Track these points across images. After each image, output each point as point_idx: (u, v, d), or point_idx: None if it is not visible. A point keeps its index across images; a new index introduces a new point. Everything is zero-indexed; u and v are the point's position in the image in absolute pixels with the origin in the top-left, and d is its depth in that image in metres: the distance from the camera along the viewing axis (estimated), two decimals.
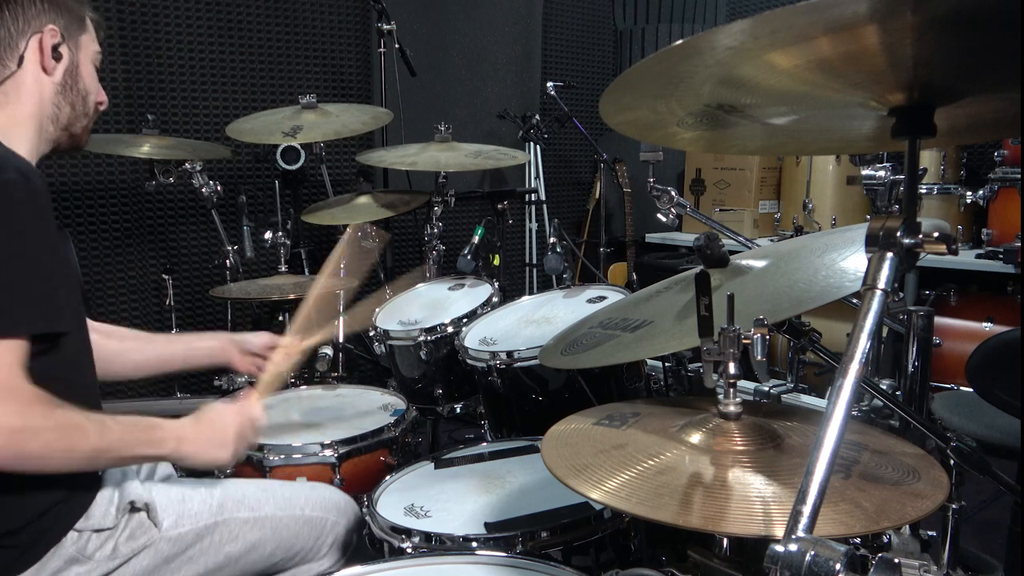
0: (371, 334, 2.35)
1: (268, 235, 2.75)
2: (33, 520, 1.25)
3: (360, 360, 3.04)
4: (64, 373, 1.27)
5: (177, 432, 1.32)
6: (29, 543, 1.25)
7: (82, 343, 1.36)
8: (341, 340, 2.83)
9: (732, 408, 1.06)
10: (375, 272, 3.17)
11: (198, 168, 2.70)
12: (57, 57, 1.35)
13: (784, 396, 1.78)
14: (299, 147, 2.97)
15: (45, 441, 1.14)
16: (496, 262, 3.00)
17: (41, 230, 1.20)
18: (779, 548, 0.69)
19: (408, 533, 1.39)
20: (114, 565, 1.32)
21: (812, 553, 0.68)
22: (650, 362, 2.02)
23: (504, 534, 1.37)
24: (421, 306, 2.42)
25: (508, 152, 2.80)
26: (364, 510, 1.53)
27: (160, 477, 1.68)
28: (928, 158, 3.44)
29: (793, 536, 0.70)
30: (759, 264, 1.36)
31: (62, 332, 1.22)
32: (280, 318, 2.91)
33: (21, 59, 1.32)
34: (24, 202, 1.18)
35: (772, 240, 3.71)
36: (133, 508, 1.35)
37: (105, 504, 1.33)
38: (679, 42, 0.84)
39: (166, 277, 2.90)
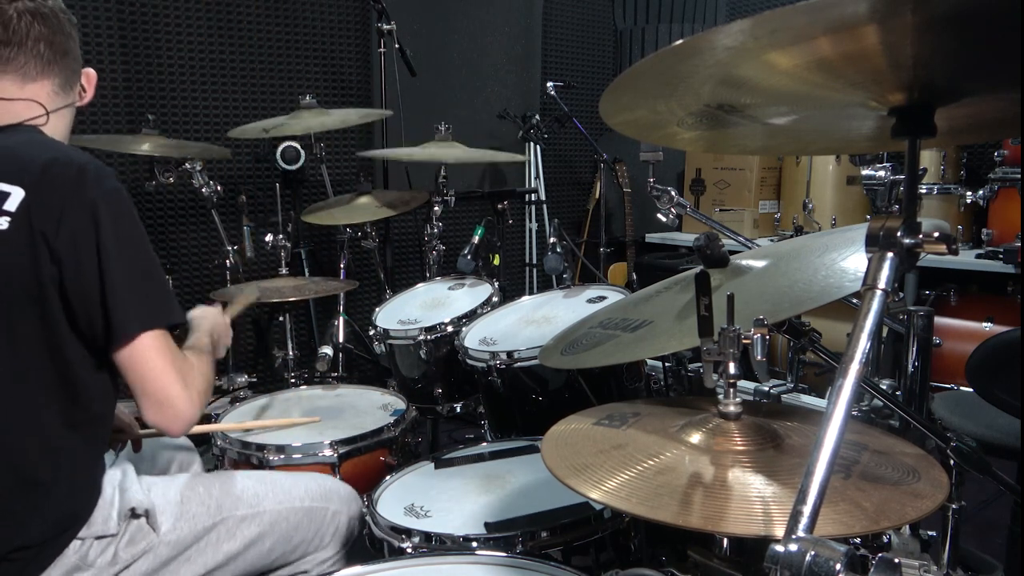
0: (371, 333, 2.35)
1: (269, 237, 2.76)
2: (41, 533, 1.26)
3: (360, 360, 3.04)
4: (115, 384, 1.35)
5: (211, 332, 1.55)
6: (34, 555, 1.26)
7: None
8: (341, 340, 2.84)
9: (732, 408, 1.06)
10: (374, 272, 3.17)
11: (198, 168, 2.70)
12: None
13: (784, 396, 1.78)
14: (299, 147, 2.98)
15: (204, 404, 1.35)
16: (496, 262, 3.00)
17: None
18: (779, 548, 0.69)
19: (408, 533, 1.39)
20: (114, 571, 1.32)
21: (812, 553, 0.68)
22: (650, 362, 2.02)
23: (504, 534, 1.37)
24: (421, 306, 2.42)
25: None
26: (364, 510, 1.53)
27: (162, 469, 1.68)
28: (928, 158, 3.44)
29: (793, 536, 0.70)
30: (759, 264, 1.36)
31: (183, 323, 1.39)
32: (280, 319, 2.91)
33: (83, 88, 1.48)
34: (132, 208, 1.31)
35: (772, 240, 3.71)
36: (134, 514, 1.35)
37: (106, 510, 1.33)
38: (679, 42, 0.84)
39: (166, 277, 2.90)
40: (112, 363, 1.28)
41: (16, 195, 1.23)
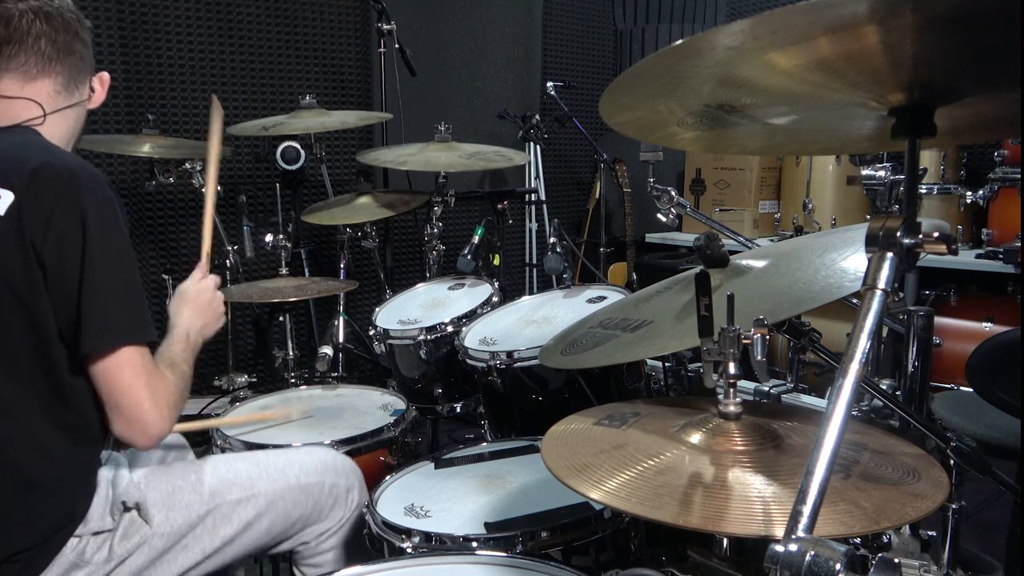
0: (371, 333, 2.35)
1: (269, 237, 2.76)
2: (40, 533, 1.26)
3: (360, 360, 3.04)
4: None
5: (189, 334, 1.46)
6: (33, 556, 1.26)
7: None
8: (341, 340, 2.84)
9: (732, 408, 1.06)
10: (374, 272, 3.17)
11: (198, 168, 2.70)
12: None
13: (784, 396, 1.77)
14: (299, 147, 2.98)
15: (175, 418, 1.33)
16: (496, 262, 3.00)
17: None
18: (779, 548, 0.69)
19: (408, 533, 1.39)
20: (110, 567, 1.33)
21: (812, 553, 0.68)
22: (650, 362, 2.02)
23: (504, 534, 1.36)
24: (421, 306, 2.42)
25: (505, 153, 2.80)
26: (364, 510, 1.53)
27: (156, 461, 1.68)
28: (928, 158, 3.44)
29: (793, 536, 0.70)
30: (759, 264, 1.36)
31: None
32: (280, 319, 2.91)
33: (92, 89, 1.47)
34: (121, 219, 1.30)
35: (772, 240, 3.71)
36: (125, 508, 1.36)
37: (101, 506, 1.34)
38: (679, 42, 0.84)
39: (166, 277, 2.90)
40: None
41: (6, 198, 1.23)
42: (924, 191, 3.43)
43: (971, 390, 1.76)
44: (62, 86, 1.40)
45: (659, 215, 1.85)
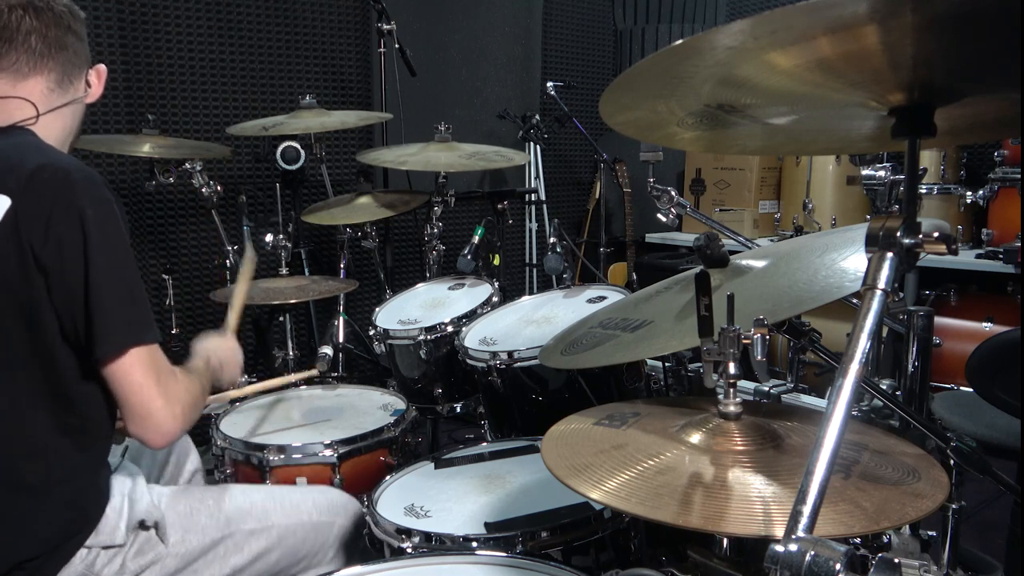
0: (371, 333, 2.35)
1: (269, 237, 2.75)
2: (46, 543, 1.25)
3: (360, 360, 3.04)
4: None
5: (210, 358, 1.51)
6: (42, 564, 1.25)
7: None
8: (341, 340, 2.84)
9: (732, 408, 1.06)
10: (374, 272, 3.17)
11: (198, 168, 2.70)
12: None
13: (784, 396, 1.78)
14: (299, 147, 2.98)
15: (191, 419, 1.34)
16: (496, 262, 3.00)
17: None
18: (779, 548, 0.69)
19: (408, 533, 1.39)
20: None
21: (812, 553, 0.68)
22: (650, 362, 2.02)
23: (504, 534, 1.37)
24: (421, 306, 2.42)
25: (505, 153, 2.80)
26: (364, 510, 1.53)
27: (167, 481, 1.68)
28: (928, 158, 3.44)
29: (793, 536, 0.70)
30: (759, 264, 1.36)
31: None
32: (280, 319, 2.91)
33: (88, 84, 1.44)
34: (120, 219, 1.29)
35: (772, 240, 3.71)
36: (143, 526, 1.35)
37: (114, 519, 1.32)
38: (679, 42, 0.84)
39: (166, 277, 2.90)
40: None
41: (3, 203, 1.21)
42: (924, 191, 3.43)
43: (971, 390, 1.76)
44: (55, 83, 1.37)
45: (659, 215, 1.86)
